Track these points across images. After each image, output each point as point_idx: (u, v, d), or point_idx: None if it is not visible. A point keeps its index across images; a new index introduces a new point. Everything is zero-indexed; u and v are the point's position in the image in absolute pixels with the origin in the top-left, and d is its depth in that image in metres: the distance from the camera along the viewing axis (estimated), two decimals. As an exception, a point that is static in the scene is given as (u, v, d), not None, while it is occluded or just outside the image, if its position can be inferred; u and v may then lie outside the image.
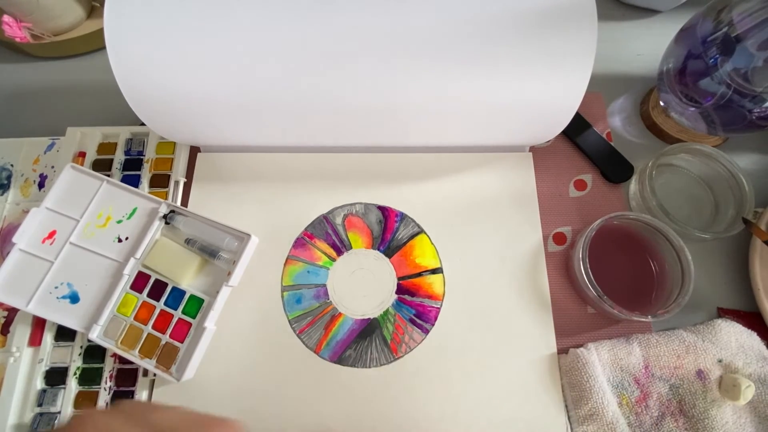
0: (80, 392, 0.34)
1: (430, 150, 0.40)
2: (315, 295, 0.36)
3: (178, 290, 0.35)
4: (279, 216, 0.39)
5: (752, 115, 0.34)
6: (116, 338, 0.34)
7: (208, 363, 0.34)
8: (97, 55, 0.47)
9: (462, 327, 0.35)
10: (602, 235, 0.35)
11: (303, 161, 0.40)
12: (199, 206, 0.39)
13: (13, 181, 0.40)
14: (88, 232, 0.36)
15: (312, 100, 0.33)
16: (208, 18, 0.31)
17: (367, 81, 0.32)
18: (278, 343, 0.35)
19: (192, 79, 0.32)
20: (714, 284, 0.38)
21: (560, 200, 0.40)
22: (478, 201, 0.39)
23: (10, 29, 0.42)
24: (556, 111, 0.34)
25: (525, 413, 0.33)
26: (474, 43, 0.31)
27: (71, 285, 0.34)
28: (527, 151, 0.41)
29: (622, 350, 0.34)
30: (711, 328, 0.34)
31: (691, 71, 0.35)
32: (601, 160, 0.40)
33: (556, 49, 0.31)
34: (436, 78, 0.32)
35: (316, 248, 0.38)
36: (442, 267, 0.37)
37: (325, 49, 0.31)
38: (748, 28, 0.31)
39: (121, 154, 0.40)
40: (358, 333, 0.35)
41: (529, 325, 0.35)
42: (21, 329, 0.35)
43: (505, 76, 0.32)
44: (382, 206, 0.39)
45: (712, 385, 0.33)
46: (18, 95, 0.46)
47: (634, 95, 0.45)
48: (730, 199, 0.38)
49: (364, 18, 0.31)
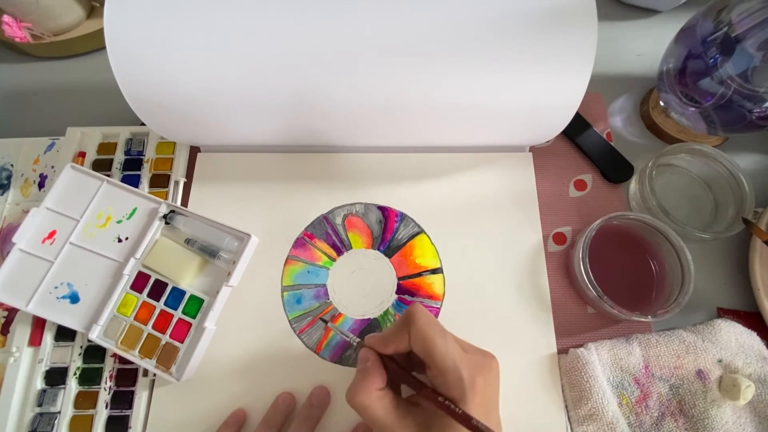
0: (80, 392, 0.34)
1: (430, 150, 0.40)
2: (315, 295, 0.36)
3: (178, 290, 0.35)
4: (279, 216, 0.39)
5: (752, 115, 0.34)
6: (116, 338, 0.34)
7: (208, 363, 0.34)
8: (97, 55, 0.47)
9: (462, 327, 0.35)
10: (602, 235, 0.35)
11: (303, 161, 0.40)
12: (199, 206, 0.39)
13: (13, 181, 0.40)
14: (88, 232, 0.36)
15: (312, 100, 0.33)
16: (208, 18, 0.31)
17: (366, 81, 0.32)
18: (278, 343, 0.35)
19: (192, 79, 0.32)
20: (714, 284, 0.38)
21: (560, 200, 0.40)
22: (478, 201, 0.39)
23: (10, 29, 0.42)
24: (556, 111, 0.34)
25: (525, 413, 0.33)
26: (474, 43, 0.31)
27: (71, 285, 0.34)
28: (527, 151, 0.41)
29: (622, 350, 0.34)
30: (711, 328, 0.34)
31: (691, 71, 0.35)
32: (601, 160, 0.40)
33: (556, 49, 0.31)
34: (436, 78, 0.32)
35: (316, 248, 0.38)
36: (442, 267, 0.37)
37: (325, 49, 0.31)
38: (747, 28, 0.31)
39: (121, 154, 0.40)
40: (358, 333, 0.35)
41: (529, 325, 0.35)
42: (21, 329, 0.35)
43: (505, 76, 0.32)
44: (382, 206, 0.39)
45: (712, 385, 0.33)
46: (18, 95, 0.46)
47: (634, 95, 0.45)
48: (730, 199, 0.38)
49: (364, 18, 0.31)
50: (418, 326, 0.26)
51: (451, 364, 0.25)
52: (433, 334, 0.26)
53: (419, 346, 0.26)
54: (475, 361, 0.26)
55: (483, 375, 0.25)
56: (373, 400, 0.26)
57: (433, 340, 0.25)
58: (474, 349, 0.28)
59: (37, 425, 0.33)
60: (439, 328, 0.26)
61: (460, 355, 0.25)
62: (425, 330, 0.26)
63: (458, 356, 0.25)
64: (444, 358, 0.25)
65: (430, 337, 0.25)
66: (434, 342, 0.25)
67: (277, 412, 0.32)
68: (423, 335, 0.26)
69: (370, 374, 0.26)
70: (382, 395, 0.26)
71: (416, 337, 0.26)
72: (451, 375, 0.25)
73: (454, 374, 0.24)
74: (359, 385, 0.26)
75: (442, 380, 0.25)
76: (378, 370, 0.27)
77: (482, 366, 0.26)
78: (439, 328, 0.26)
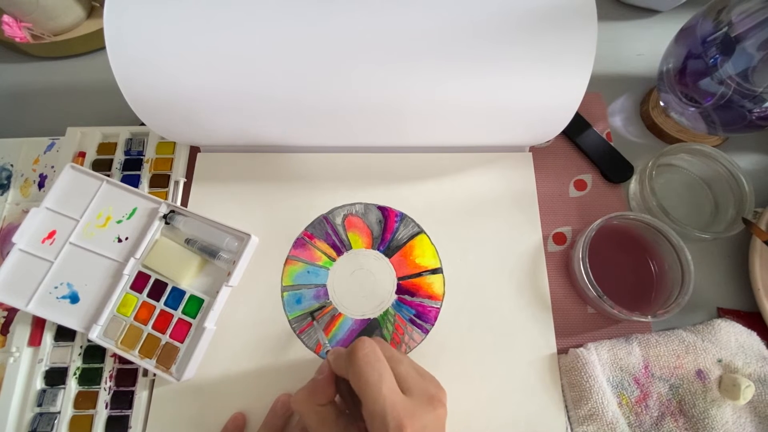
0: (80, 392, 0.34)
1: (430, 150, 0.40)
2: (315, 296, 0.36)
3: (178, 290, 0.35)
4: (279, 216, 0.39)
5: (752, 115, 0.34)
6: (116, 338, 0.34)
7: (208, 363, 0.34)
8: (97, 55, 0.47)
9: (462, 327, 0.35)
10: (602, 235, 0.35)
11: (303, 161, 0.40)
12: (199, 206, 0.39)
13: (13, 181, 0.40)
14: (88, 232, 0.36)
15: (312, 100, 0.33)
16: (208, 18, 0.31)
17: (366, 81, 0.32)
18: (278, 344, 0.35)
19: (192, 79, 0.32)
20: (714, 284, 0.38)
21: (560, 200, 0.40)
22: (478, 201, 0.39)
23: (10, 29, 0.42)
24: (556, 111, 0.34)
25: (525, 413, 0.33)
26: (474, 43, 0.31)
27: (71, 285, 0.34)
28: (527, 151, 0.41)
29: (622, 350, 0.34)
30: (711, 328, 0.34)
31: (691, 71, 0.35)
32: (601, 160, 0.40)
33: (556, 49, 0.31)
34: (436, 78, 0.32)
35: (316, 248, 0.38)
36: (442, 267, 0.37)
37: (325, 49, 0.31)
38: (747, 28, 0.31)
39: (121, 154, 0.40)
40: (359, 333, 0.35)
41: (529, 325, 0.35)
42: (21, 329, 0.35)
43: (505, 76, 0.32)
44: (382, 206, 0.39)
45: (712, 385, 0.33)
46: (18, 95, 0.46)
47: (634, 95, 0.45)
48: (730, 199, 0.38)
49: (364, 18, 0.31)
50: (355, 365, 0.25)
51: (379, 410, 0.23)
52: (369, 374, 0.25)
53: (354, 384, 0.25)
54: (412, 408, 0.24)
55: (416, 424, 0.23)
56: (310, 411, 0.26)
57: (367, 382, 0.24)
58: (423, 391, 0.26)
59: (37, 425, 0.33)
60: (377, 369, 0.25)
61: (394, 400, 0.24)
62: (361, 370, 0.25)
63: (390, 402, 0.24)
64: (374, 403, 0.24)
65: (365, 377, 0.25)
66: (367, 384, 0.24)
67: (276, 416, 0.32)
68: (357, 374, 0.25)
69: (317, 389, 0.27)
70: (322, 409, 0.26)
71: (352, 374, 0.25)
72: (376, 421, 0.23)
73: (379, 422, 0.23)
74: (304, 393, 0.27)
75: (369, 424, 0.24)
76: (326, 387, 0.27)
77: (419, 414, 0.24)
78: (378, 368, 0.25)
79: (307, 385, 0.28)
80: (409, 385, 0.26)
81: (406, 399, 0.25)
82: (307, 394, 0.27)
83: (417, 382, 0.26)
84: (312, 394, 0.27)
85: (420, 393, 0.26)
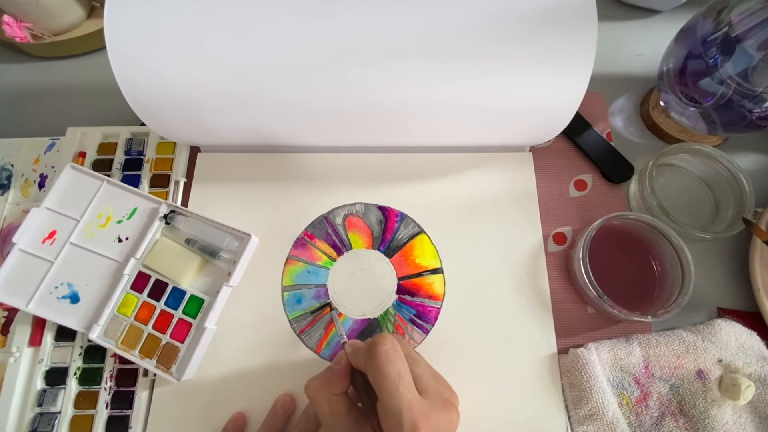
0: (80, 392, 0.34)
1: (430, 150, 0.40)
2: (315, 296, 0.36)
3: (178, 290, 0.35)
4: (279, 216, 0.39)
5: (752, 115, 0.34)
6: (116, 338, 0.34)
7: (208, 363, 0.34)
8: (97, 55, 0.47)
9: (462, 327, 0.35)
10: (602, 235, 0.35)
11: (303, 161, 0.40)
12: (199, 206, 0.39)
13: (13, 181, 0.40)
14: (89, 232, 0.36)
15: (312, 100, 0.33)
16: (209, 18, 0.31)
17: (367, 81, 0.32)
18: (278, 343, 0.35)
19: (192, 79, 0.32)
20: (714, 284, 0.38)
21: (560, 200, 0.40)
22: (478, 201, 0.39)
23: (10, 29, 0.42)
24: (556, 111, 0.34)
25: (525, 413, 0.33)
26: (474, 43, 0.31)
27: (71, 285, 0.34)
28: (527, 151, 0.41)
29: (622, 350, 0.34)
30: (711, 328, 0.34)
31: (691, 71, 0.35)
32: (601, 160, 0.40)
33: (556, 49, 0.31)
34: (436, 78, 0.32)
35: (317, 248, 0.38)
36: (442, 267, 0.37)
37: (326, 49, 0.31)
38: (747, 28, 0.31)
39: (121, 154, 0.40)
40: (359, 333, 0.35)
41: (529, 325, 0.35)
42: (21, 329, 0.35)
43: (505, 77, 0.32)
44: (382, 206, 0.39)
45: (712, 385, 0.33)
46: (18, 95, 0.46)
47: (634, 95, 0.45)
48: (730, 199, 0.38)
49: (364, 18, 0.31)
50: (375, 360, 0.25)
51: (396, 407, 0.23)
52: (388, 370, 0.25)
53: (372, 379, 0.25)
54: (427, 410, 0.24)
55: (430, 426, 0.23)
56: (323, 399, 0.26)
57: (385, 377, 0.24)
58: (438, 394, 0.26)
59: (37, 425, 0.33)
60: (397, 366, 0.25)
61: (410, 399, 0.24)
62: (381, 365, 0.25)
63: (407, 401, 0.24)
64: (390, 399, 0.24)
65: (384, 373, 0.25)
66: (386, 379, 0.24)
67: (276, 416, 0.32)
68: (376, 369, 0.25)
69: (332, 378, 0.27)
70: (335, 399, 0.26)
71: (371, 369, 0.25)
72: (391, 419, 0.23)
73: (394, 419, 0.23)
74: (318, 381, 0.27)
75: (384, 420, 0.24)
76: (342, 378, 0.27)
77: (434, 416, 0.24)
78: (398, 365, 0.25)
79: (322, 374, 0.27)
80: (425, 386, 0.26)
81: (422, 400, 0.25)
82: (321, 383, 0.27)
83: (432, 384, 0.26)
84: (327, 383, 0.27)
85: (435, 395, 0.26)
